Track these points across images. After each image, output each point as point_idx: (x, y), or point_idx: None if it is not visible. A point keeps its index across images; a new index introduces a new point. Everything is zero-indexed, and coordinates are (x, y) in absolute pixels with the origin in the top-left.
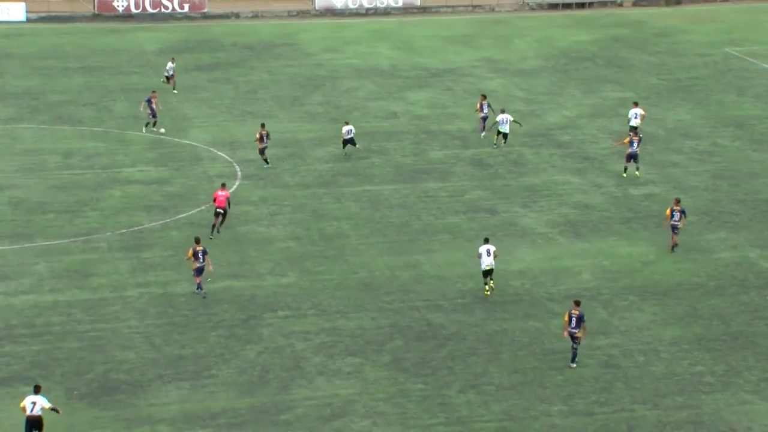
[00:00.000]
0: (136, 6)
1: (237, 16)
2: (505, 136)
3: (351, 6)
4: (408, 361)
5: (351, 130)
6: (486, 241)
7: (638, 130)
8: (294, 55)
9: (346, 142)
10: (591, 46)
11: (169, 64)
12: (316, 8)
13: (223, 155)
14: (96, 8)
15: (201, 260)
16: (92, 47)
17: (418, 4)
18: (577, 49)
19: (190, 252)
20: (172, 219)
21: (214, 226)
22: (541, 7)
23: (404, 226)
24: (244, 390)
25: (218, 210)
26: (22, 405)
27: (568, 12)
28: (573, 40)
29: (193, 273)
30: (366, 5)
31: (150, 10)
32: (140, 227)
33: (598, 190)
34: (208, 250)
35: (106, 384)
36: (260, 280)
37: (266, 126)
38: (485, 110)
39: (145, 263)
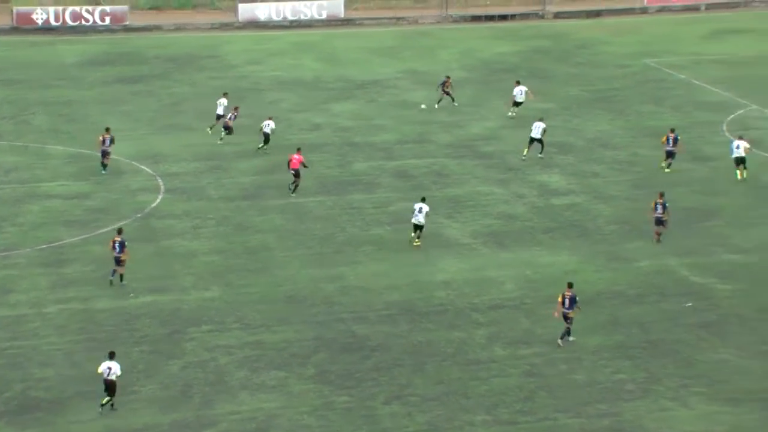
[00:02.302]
0: (56, 19)
1: (159, 28)
2: (540, 142)
3: (274, 18)
4: (333, 374)
5: (268, 124)
6: (422, 200)
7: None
8: (217, 67)
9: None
10: (513, 57)
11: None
12: (239, 20)
13: (146, 168)
14: (15, 21)
15: (117, 251)
16: (11, 60)
17: (342, 16)
18: (500, 61)
19: (111, 242)
20: (93, 234)
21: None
22: (464, 19)
23: (329, 238)
24: (167, 405)
25: (291, 171)
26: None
27: (491, 24)
28: (496, 52)
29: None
30: (290, 17)
31: (70, 22)
32: (60, 243)
33: (520, 200)
34: (126, 242)
35: (26, 402)
36: (184, 294)
37: (110, 131)
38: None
39: (66, 279)
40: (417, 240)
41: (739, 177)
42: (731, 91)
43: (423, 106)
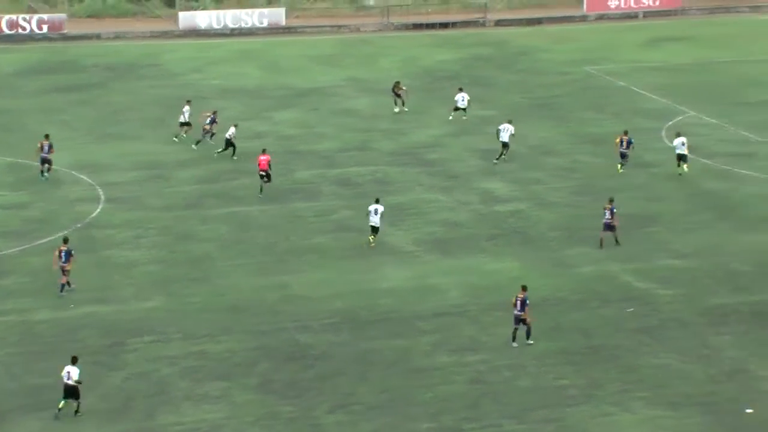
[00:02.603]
0: None
1: (98, 37)
2: (504, 145)
3: (215, 26)
4: (277, 383)
5: (231, 130)
6: (377, 201)
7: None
8: (158, 75)
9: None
10: (455, 65)
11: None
12: (180, 28)
13: (85, 178)
14: None
15: (63, 260)
16: None
17: (284, 24)
18: (442, 68)
19: (56, 252)
20: (31, 245)
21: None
22: (405, 27)
23: (272, 246)
24: (108, 418)
25: (261, 173)
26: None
27: (432, 32)
28: (437, 60)
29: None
30: (231, 25)
31: (6, 31)
32: None
33: (464, 207)
34: (73, 251)
35: None
36: (124, 305)
37: (50, 137)
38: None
39: (3, 290)
40: (372, 242)
41: (680, 172)
42: (669, 98)
43: (396, 109)
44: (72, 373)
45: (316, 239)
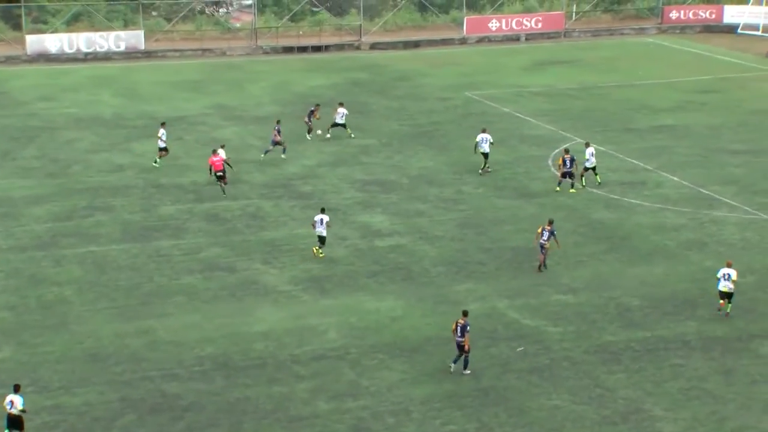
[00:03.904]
0: None
1: None
2: (485, 156)
3: (67, 50)
4: None
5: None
6: (322, 210)
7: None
8: (4, 104)
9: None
10: (329, 90)
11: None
12: (28, 53)
13: None
14: None
15: None
16: None
17: (143, 48)
18: (315, 94)
19: None
20: None
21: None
22: (275, 50)
23: (134, 288)
24: None
25: (217, 174)
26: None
27: (304, 56)
28: (310, 85)
29: None
30: (84, 49)
31: None
32: None
33: (342, 242)
34: None
35: None
36: None
37: None
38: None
39: None
40: (321, 252)
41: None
42: (555, 124)
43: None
44: (16, 402)
45: (183, 280)
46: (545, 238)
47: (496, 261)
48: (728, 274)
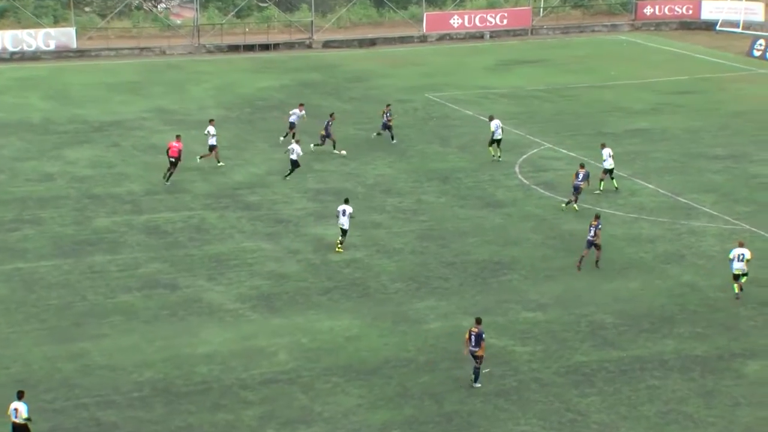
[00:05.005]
0: None
1: None
2: (498, 143)
3: None
4: None
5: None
6: (345, 201)
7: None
8: None
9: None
10: (279, 92)
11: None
12: None
13: None
14: None
15: None
16: None
17: (74, 47)
18: (264, 97)
19: None
20: None
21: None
22: (219, 49)
23: (66, 308)
24: None
25: (171, 159)
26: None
27: (252, 55)
28: (258, 87)
29: None
30: (10, 49)
31: None
32: None
33: (293, 257)
34: None
35: None
36: None
37: None
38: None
39: None
40: (339, 247)
41: (616, 186)
42: (522, 128)
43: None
44: (20, 410)
45: (119, 298)
46: (592, 235)
47: (460, 276)
48: (742, 255)
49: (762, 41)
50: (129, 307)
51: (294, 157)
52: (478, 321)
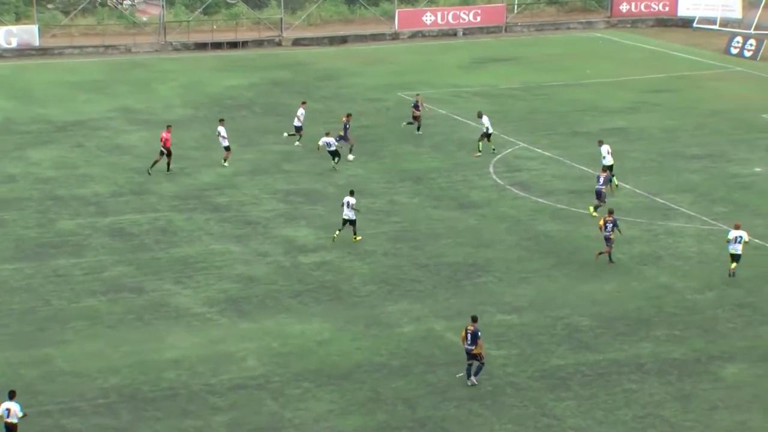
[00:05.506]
0: None
1: None
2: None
3: None
4: None
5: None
6: (351, 193)
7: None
8: None
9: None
10: (247, 91)
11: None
12: None
13: None
14: None
15: None
16: None
17: (37, 44)
18: (232, 96)
19: None
20: None
21: (156, 162)
22: (186, 47)
23: (29, 313)
24: None
25: (162, 149)
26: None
27: (219, 53)
28: (226, 85)
29: None
30: None
31: None
32: None
33: (262, 259)
34: None
35: None
36: None
37: None
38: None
39: None
40: (356, 236)
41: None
42: (497, 127)
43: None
44: (13, 410)
45: (84, 302)
46: (609, 230)
47: (433, 278)
48: (740, 237)
49: (739, 38)
50: (94, 311)
51: (332, 148)
52: (474, 319)
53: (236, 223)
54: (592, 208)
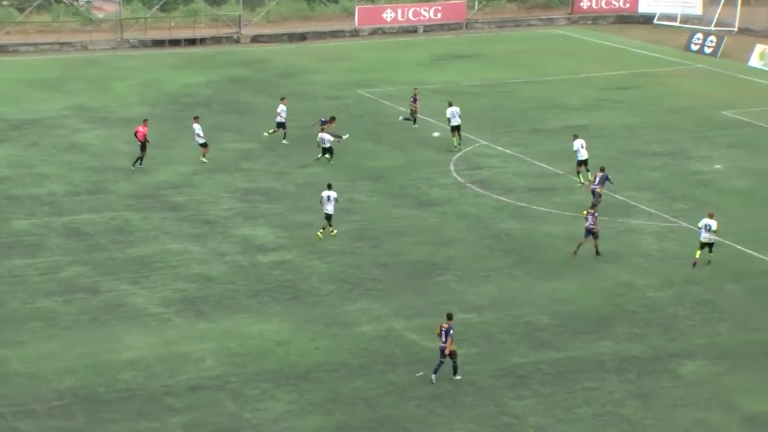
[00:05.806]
0: None
1: None
2: (457, 129)
3: None
4: None
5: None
6: (329, 187)
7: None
8: None
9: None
10: (205, 89)
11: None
12: None
13: None
14: None
15: None
16: None
17: None
18: (190, 93)
19: None
20: None
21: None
22: (143, 44)
23: None
24: None
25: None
26: None
27: (177, 50)
28: (184, 83)
29: None
30: None
31: None
32: None
33: (220, 259)
34: None
35: None
36: None
37: None
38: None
39: None
40: (332, 231)
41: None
42: None
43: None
44: None
45: (39, 303)
46: (590, 222)
47: (393, 277)
48: (709, 225)
49: (700, 35)
50: (49, 312)
51: (327, 145)
52: (449, 317)
53: (194, 222)
54: (584, 213)
